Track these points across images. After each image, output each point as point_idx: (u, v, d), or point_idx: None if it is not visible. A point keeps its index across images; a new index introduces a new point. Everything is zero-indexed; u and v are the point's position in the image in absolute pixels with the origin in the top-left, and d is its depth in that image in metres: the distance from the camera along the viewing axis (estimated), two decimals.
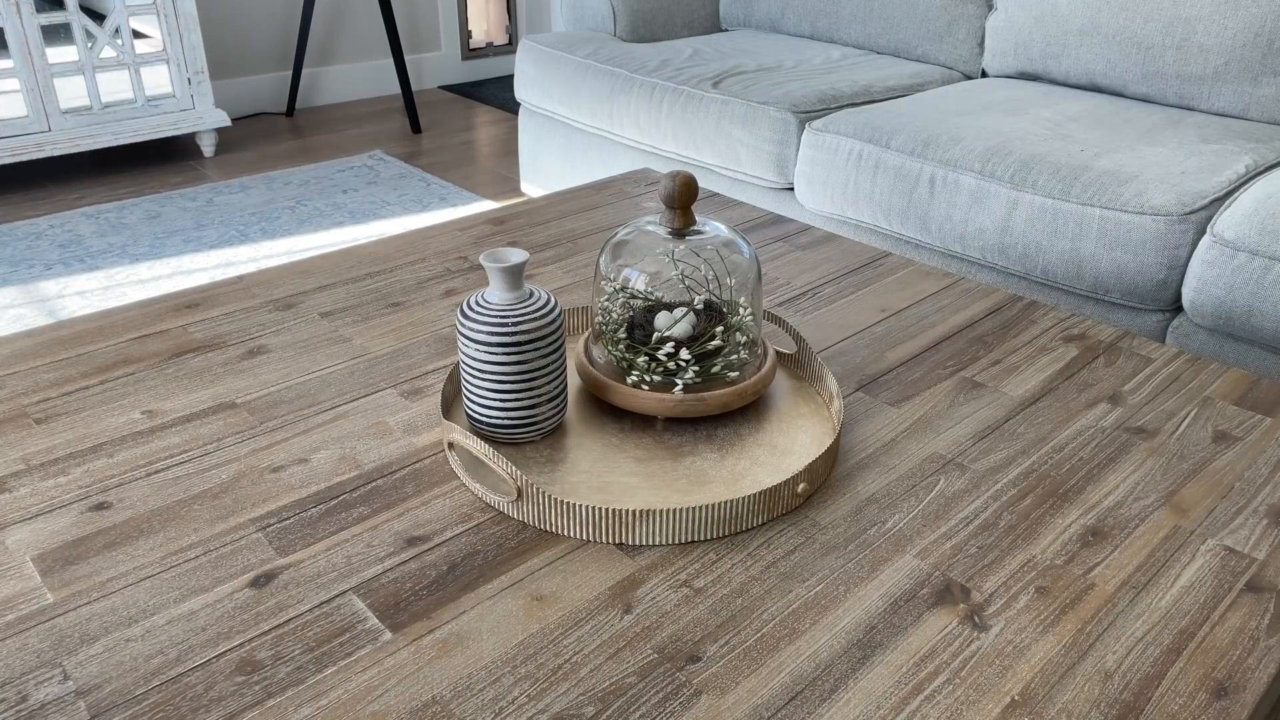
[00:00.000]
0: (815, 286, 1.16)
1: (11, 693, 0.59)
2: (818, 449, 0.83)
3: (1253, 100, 1.73)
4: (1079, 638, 0.64)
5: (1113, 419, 0.89)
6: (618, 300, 0.87)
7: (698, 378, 0.84)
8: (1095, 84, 1.93)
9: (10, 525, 0.73)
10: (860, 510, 0.76)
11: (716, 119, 1.93)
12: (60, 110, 2.58)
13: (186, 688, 0.59)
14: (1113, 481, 0.80)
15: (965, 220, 1.59)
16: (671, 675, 0.61)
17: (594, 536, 0.72)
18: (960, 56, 2.17)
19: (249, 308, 1.07)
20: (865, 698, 0.59)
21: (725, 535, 0.73)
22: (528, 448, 0.83)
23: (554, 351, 0.81)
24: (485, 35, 3.91)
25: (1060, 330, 1.05)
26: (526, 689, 0.60)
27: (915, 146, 1.66)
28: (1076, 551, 0.72)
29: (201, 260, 2.24)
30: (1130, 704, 0.59)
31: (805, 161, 1.81)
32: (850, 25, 2.33)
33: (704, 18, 2.61)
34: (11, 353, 0.97)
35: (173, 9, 2.68)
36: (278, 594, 0.67)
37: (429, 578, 0.69)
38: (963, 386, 0.94)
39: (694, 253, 0.87)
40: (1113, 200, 1.43)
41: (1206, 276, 1.35)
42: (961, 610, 0.66)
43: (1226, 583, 0.69)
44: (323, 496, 0.77)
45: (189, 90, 2.77)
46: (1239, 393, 0.94)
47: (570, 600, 0.67)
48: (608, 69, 2.15)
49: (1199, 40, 1.75)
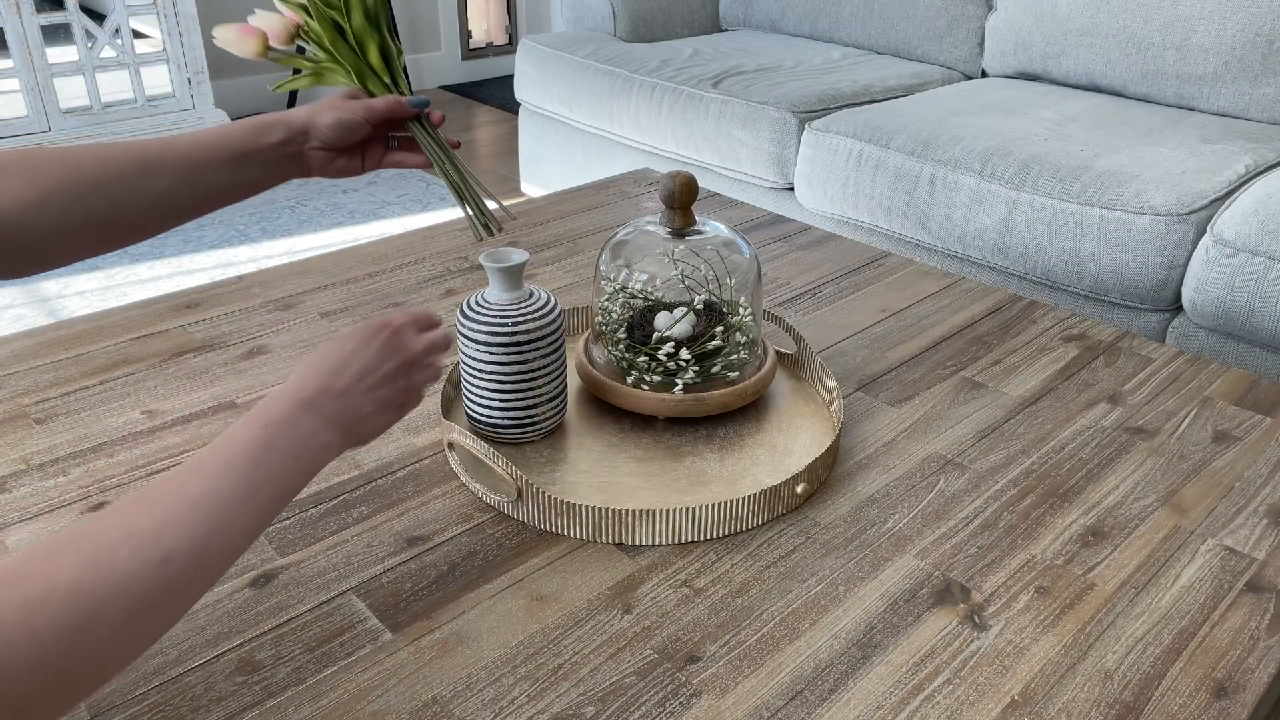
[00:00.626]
0: (815, 286, 1.16)
1: None
2: (818, 449, 0.83)
3: (1253, 100, 1.73)
4: (1079, 638, 0.64)
5: (1113, 419, 0.89)
6: (618, 300, 0.87)
7: (698, 378, 0.84)
8: (1095, 84, 1.93)
9: (10, 525, 0.73)
10: (860, 510, 0.76)
11: (716, 119, 1.93)
12: (60, 110, 2.58)
13: (186, 688, 0.59)
14: (1113, 481, 0.80)
15: (965, 220, 1.59)
16: (671, 675, 0.61)
17: (594, 536, 0.72)
18: (960, 56, 2.17)
19: (249, 308, 1.07)
20: (865, 698, 0.59)
21: (725, 535, 0.73)
22: (528, 448, 0.83)
23: (554, 351, 0.80)
24: (485, 35, 3.91)
25: (1060, 330, 1.05)
26: (526, 689, 0.60)
27: (915, 146, 1.66)
28: (1076, 551, 0.72)
29: (201, 260, 2.24)
30: (1130, 704, 0.59)
31: (805, 161, 1.81)
32: (850, 25, 2.33)
33: (704, 18, 2.61)
34: (11, 353, 0.97)
35: (173, 9, 2.68)
36: (278, 594, 0.67)
37: (429, 578, 0.69)
38: (963, 386, 0.94)
39: (694, 253, 0.87)
40: (1113, 200, 1.43)
41: (1206, 276, 1.35)
42: (961, 610, 0.66)
43: (1226, 583, 0.69)
44: (323, 496, 0.77)
45: (189, 90, 2.77)
46: (1239, 393, 0.94)
47: (570, 600, 0.67)
48: (608, 69, 2.15)
49: (1199, 40, 1.75)
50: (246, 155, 0.69)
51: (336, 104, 0.74)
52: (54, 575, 0.41)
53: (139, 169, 0.64)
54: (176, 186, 0.66)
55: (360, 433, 0.59)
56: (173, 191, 0.66)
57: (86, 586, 0.41)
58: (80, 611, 0.41)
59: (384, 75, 0.76)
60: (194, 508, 0.47)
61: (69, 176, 0.61)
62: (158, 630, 0.45)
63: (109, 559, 0.43)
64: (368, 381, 0.58)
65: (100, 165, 0.63)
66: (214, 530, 0.47)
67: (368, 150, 0.77)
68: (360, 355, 0.59)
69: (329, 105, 0.73)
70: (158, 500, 0.46)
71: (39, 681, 0.39)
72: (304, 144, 0.72)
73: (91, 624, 0.41)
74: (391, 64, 0.76)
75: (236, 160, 0.69)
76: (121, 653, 0.43)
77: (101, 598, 0.42)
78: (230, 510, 0.48)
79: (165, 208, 0.66)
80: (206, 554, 0.46)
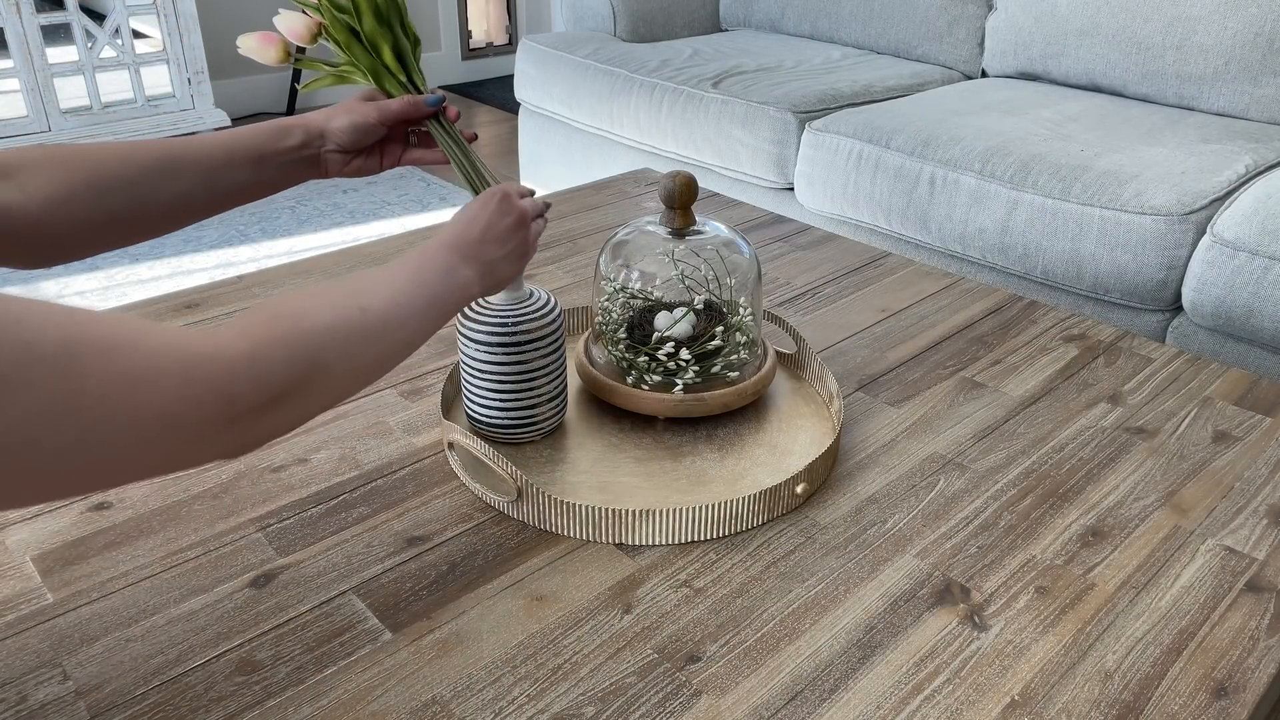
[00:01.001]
0: (815, 286, 1.16)
1: (11, 693, 0.59)
2: (818, 449, 0.83)
3: (1253, 100, 1.73)
4: (1079, 638, 0.64)
5: (1113, 419, 0.89)
6: (618, 300, 0.87)
7: (698, 378, 0.84)
8: (1095, 84, 1.93)
9: (10, 525, 0.73)
10: (860, 510, 0.76)
11: (716, 119, 1.93)
12: (60, 110, 2.58)
13: (186, 688, 0.59)
14: (1113, 481, 0.80)
15: (965, 220, 1.59)
16: (671, 675, 0.61)
17: (594, 536, 0.72)
18: (960, 56, 2.17)
19: (249, 308, 1.07)
20: (865, 698, 0.59)
21: (725, 535, 0.73)
22: (528, 448, 0.83)
23: (554, 351, 0.80)
24: (485, 35, 3.91)
25: (1060, 330, 1.05)
26: (526, 689, 0.60)
27: (915, 146, 1.66)
28: (1076, 551, 0.72)
29: (201, 260, 2.24)
30: (1130, 704, 0.59)
31: (805, 161, 1.81)
32: (850, 25, 2.33)
33: (704, 18, 2.61)
34: None
35: (173, 9, 2.68)
36: (278, 594, 0.67)
37: (429, 578, 0.69)
38: (963, 386, 0.94)
39: (694, 253, 0.87)
40: (1113, 200, 1.43)
41: (1206, 276, 1.35)
42: (961, 610, 0.66)
43: (1226, 583, 0.69)
44: (323, 496, 0.77)
45: (189, 90, 2.77)
46: (1239, 393, 0.94)
47: (570, 600, 0.67)
48: (608, 69, 2.15)
49: (1199, 40, 1.75)
50: (264, 157, 0.72)
51: (352, 106, 0.76)
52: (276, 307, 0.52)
53: (161, 168, 0.67)
54: (195, 186, 0.69)
55: (496, 275, 0.69)
56: (192, 190, 0.69)
57: (304, 315, 0.52)
58: (303, 330, 0.52)
59: (399, 75, 0.77)
60: (378, 284, 0.58)
61: (95, 174, 0.65)
62: (364, 372, 0.56)
63: (318, 301, 0.54)
64: (493, 233, 0.68)
65: (123, 164, 0.66)
66: (395, 300, 0.58)
67: (386, 148, 0.80)
68: (485, 212, 0.69)
69: (344, 108, 0.76)
70: (343, 282, 0.57)
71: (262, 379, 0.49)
72: (321, 147, 0.75)
73: (313, 342, 0.52)
74: (407, 62, 0.77)
75: (255, 162, 0.72)
76: (334, 377, 0.54)
77: (315, 325, 0.53)
78: (404, 293, 0.59)
79: (184, 206, 0.69)
80: (391, 317, 0.57)
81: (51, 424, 0.40)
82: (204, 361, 0.46)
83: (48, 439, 0.40)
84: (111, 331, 0.43)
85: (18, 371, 0.39)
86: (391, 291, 0.58)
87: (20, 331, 0.40)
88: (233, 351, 0.48)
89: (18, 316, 0.40)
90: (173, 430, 0.45)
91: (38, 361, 0.40)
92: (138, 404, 0.43)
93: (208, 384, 0.46)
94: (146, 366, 0.44)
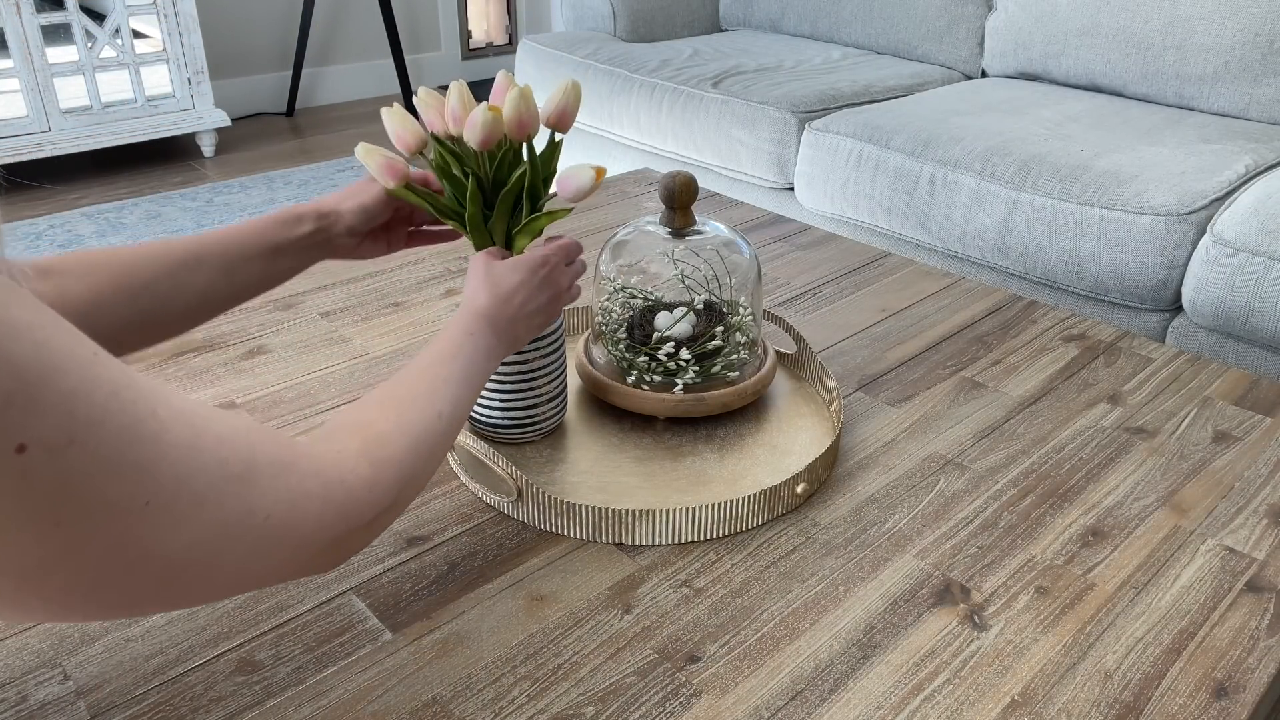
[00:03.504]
0: (815, 286, 1.16)
1: (11, 693, 0.59)
2: (818, 449, 0.83)
3: (1253, 100, 1.73)
4: (1079, 638, 0.64)
5: (1113, 419, 0.89)
6: (618, 300, 0.87)
7: (698, 378, 0.84)
8: (1095, 84, 1.93)
9: None
10: (860, 510, 0.76)
11: (716, 119, 1.93)
12: (60, 110, 2.58)
13: (186, 688, 0.59)
14: (1113, 481, 0.80)
15: (965, 220, 1.59)
16: (671, 675, 0.61)
17: (594, 536, 0.72)
18: (960, 56, 2.17)
19: (249, 308, 1.07)
20: (865, 698, 0.59)
21: (725, 535, 0.73)
22: (528, 448, 0.83)
23: (554, 351, 0.80)
24: (485, 35, 3.91)
25: (1060, 330, 1.05)
26: (526, 689, 0.60)
27: (915, 146, 1.66)
28: (1076, 551, 0.72)
29: None
30: (1130, 704, 0.59)
31: (805, 161, 1.81)
32: (850, 25, 2.33)
33: (704, 18, 2.61)
34: None
35: (173, 9, 2.68)
36: (277, 594, 0.67)
37: (429, 578, 0.69)
38: (963, 386, 0.94)
39: (694, 253, 0.87)
40: (1113, 200, 1.43)
41: (1206, 276, 1.35)
42: (961, 610, 0.66)
43: (1226, 583, 0.69)
44: None
45: (189, 90, 2.77)
46: (1239, 393, 0.94)
47: (570, 600, 0.67)
48: (608, 69, 2.15)
49: (1199, 40, 1.75)
50: (279, 249, 0.74)
51: (361, 189, 0.79)
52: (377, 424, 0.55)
53: (180, 265, 0.69)
54: (215, 280, 0.71)
55: (518, 344, 0.72)
56: (211, 286, 0.70)
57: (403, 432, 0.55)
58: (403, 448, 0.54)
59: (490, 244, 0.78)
60: (446, 383, 0.62)
61: (122, 275, 0.66)
62: (432, 472, 0.59)
63: (409, 414, 0.57)
64: (529, 309, 0.71)
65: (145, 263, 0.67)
66: (458, 398, 0.62)
67: (392, 231, 0.83)
68: (526, 287, 0.71)
69: (353, 192, 0.79)
70: (421, 376, 0.61)
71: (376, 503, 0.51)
72: (331, 231, 0.77)
73: (410, 458, 0.55)
74: (512, 245, 0.78)
75: (270, 254, 0.73)
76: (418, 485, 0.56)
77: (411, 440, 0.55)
78: (458, 388, 0.62)
79: (203, 301, 0.71)
80: (457, 415, 0.61)
81: (232, 541, 0.42)
82: (337, 487, 0.48)
83: (227, 555, 0.42)
84: (279, 452, 0.45)
85: (213, 492, 0.40)
86: (455, 392, 0.62)
87: (220, 450, 0.41)
88: (356, 478, 0.50)
89: (219, 436, 0.41)
90: (303, 549, 0.46)
91: (228, 481, 0.41)
92: (294, 523, 0.45)
93: (339, 509, 0.48)
94: (301, 490, 0.46)
